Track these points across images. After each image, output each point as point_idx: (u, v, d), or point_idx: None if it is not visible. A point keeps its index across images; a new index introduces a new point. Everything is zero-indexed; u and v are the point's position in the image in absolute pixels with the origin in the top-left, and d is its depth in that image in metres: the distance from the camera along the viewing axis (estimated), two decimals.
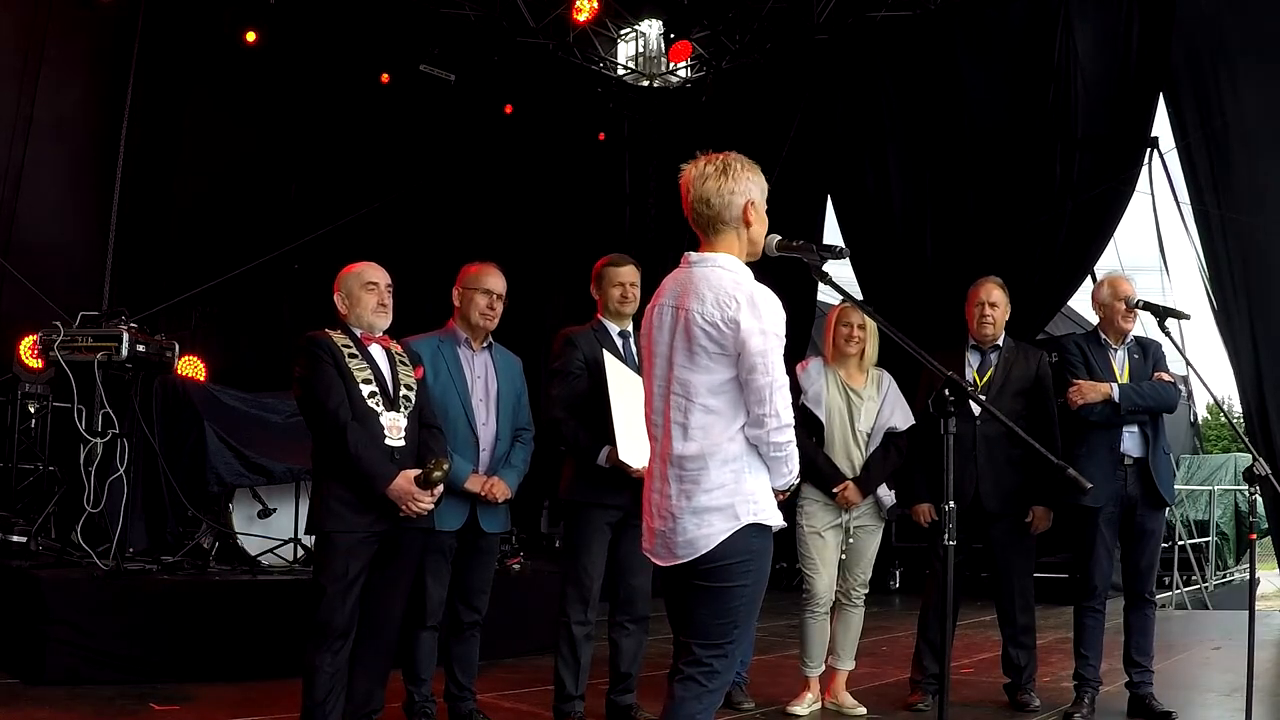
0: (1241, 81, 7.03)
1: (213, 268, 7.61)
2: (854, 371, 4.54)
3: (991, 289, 4.68)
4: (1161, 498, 4.40)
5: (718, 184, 2.62)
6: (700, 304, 2.55)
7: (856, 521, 4.49)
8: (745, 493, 2.54)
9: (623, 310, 4.14)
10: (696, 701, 2.52)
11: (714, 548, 2.52)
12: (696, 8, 9.51)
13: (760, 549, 2.56)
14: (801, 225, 8.77)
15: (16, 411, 6.29)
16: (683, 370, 2.58)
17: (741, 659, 4.54)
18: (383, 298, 3.62)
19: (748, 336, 2.50)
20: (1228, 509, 11.85)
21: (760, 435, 2.54)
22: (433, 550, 3.87)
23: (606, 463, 3.89)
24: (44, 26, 7.23)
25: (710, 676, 2.53)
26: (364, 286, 3.60)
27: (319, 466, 3.49)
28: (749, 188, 2.63)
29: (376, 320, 3.60)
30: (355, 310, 3.58)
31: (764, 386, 2.51)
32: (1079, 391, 4.35)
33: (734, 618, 2.54)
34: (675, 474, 2.58)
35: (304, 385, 3.47)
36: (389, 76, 8.78)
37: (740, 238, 2.64)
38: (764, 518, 2.55)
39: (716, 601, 2.54)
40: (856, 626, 4.55)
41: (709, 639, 2.54)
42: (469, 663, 4.06)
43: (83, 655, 4.40)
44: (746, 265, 2.65)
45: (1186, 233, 7.29)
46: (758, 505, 2.54)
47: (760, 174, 2.68)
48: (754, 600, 2.57)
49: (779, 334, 2.54)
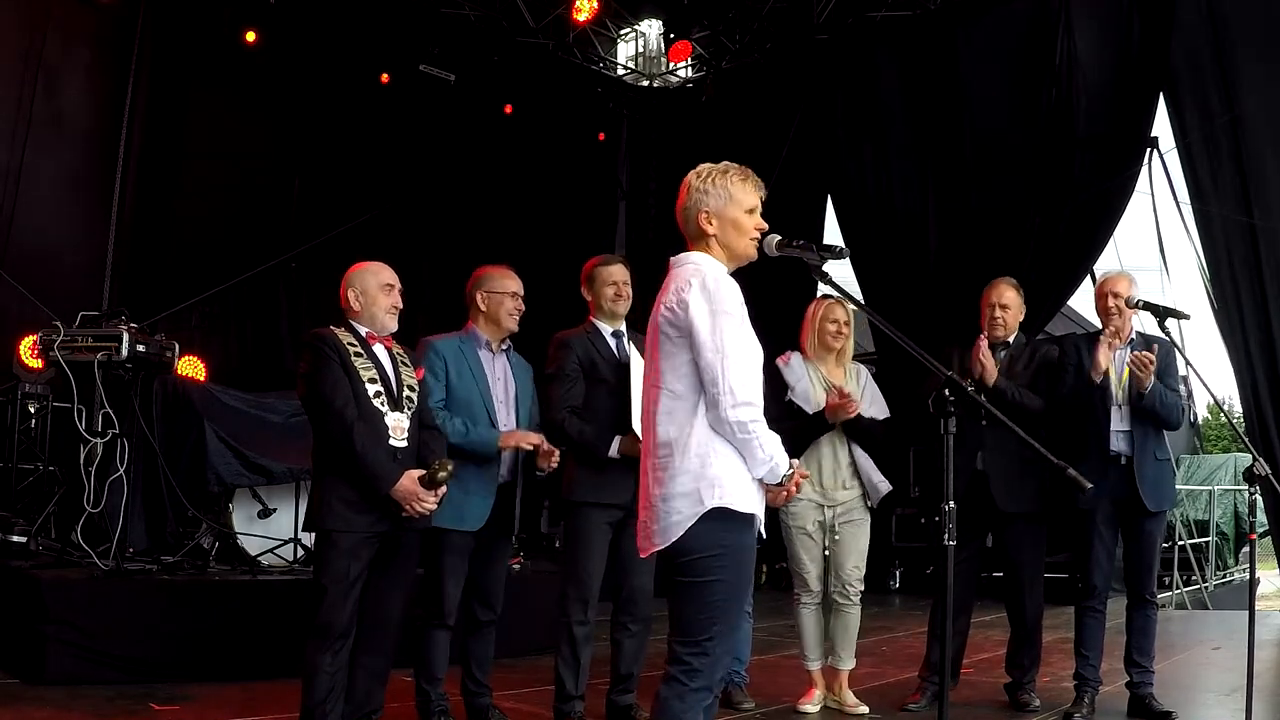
0: (1242, 81, 7.03)
1: (213, 268, 7.62)
2: (833, 367, 4.56)
3: (1003, 290, 4.70)
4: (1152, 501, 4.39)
5: (684, 199, 2.74)
6: (665, 295, 2.67)
7: (842, 517, 4.47)
8: (709, 477, 2.55)
9: (616, 309, 4.14)
10: (679, 701, 2.53)
11: (684, 535, 2.55)
12: (696, 8, 9.51)
13: (734, 543, 2.57)
14: (801, 225, 8.77)
15: (16, 411, 6.29)
16: (657, 361, 2.67)
17: (740, 658, 4.54)
18: (397, 300, 3.62)
19: (695, 315, 2.58)
20: (1228, 509, 11.83)
21: (718, 416, 2.54)
22: (451, 550, 3.88)
23: (618, 453, 3.90)
24: (44, 27, 7.24)
25: (691, 675, 2.54)
26: (382, 287, 3.59)
27: (320, 464, 3.48)
28: (701, 199, 2.71)
29: (389, 321, 3.60)
30: (370, 309, 3.57)
31: (713, 363, 2.54)
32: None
33: (711, 613, 2.55)
34: (652, 463, 2.65)
35: (309, 382, 3.46)
36: (389, 76, 8.78)
37: (711, 245, 2.72)
38: (728, 501, 2.54)
39: (693, 596, 2.57)
40: (853, 625, 4.52)
41: (688, 635, 2.56)
42: (485, 660, 4.07)
43: (83, 655, 4.39)
44: (728, 265, 2.72)
45: (1186, 233, 7.30)
46: (722, 489, 2.54)
47: (739, 181, 2.72)
48: (732, 596, 2.58)
49: (729, 311, 2.58)
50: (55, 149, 7.31)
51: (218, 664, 4.62)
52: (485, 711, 4.05)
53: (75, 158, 7.51)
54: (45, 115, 7.21)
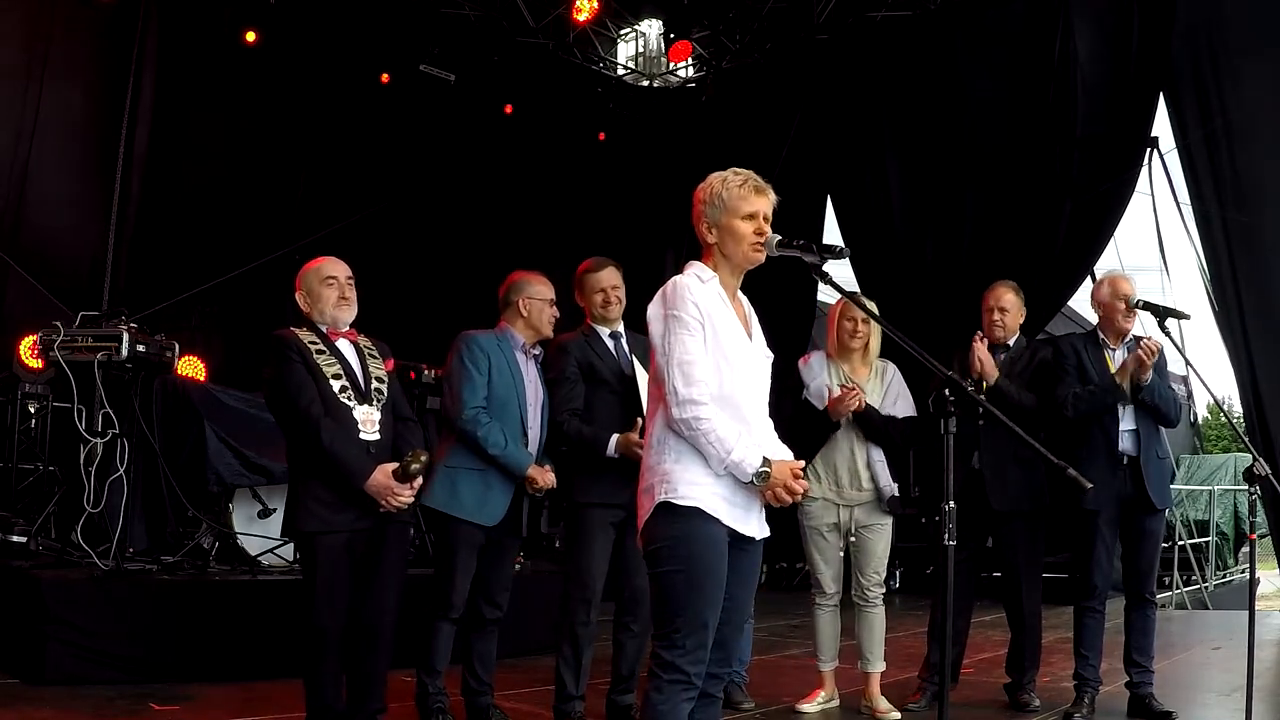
0: (1242, 81, 7.02)
1: (214, 267, 7.62)
2: (858, 365, 4.55)
3: (1002, 293, 4.71)
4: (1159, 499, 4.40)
5: (693, 214, 2.82)
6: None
7: (861, 521, 4.47)
8: (662, 473, 2.65)
9: (607, 315, 4.16)
10: (656, 693, 2.59)
11: (643, 529, 2.69)
12: (696, 8, 9.50)
13: (682, 534, 2.61)
14: (801, 225, 8.76)
15: (16, 411, 6.29)
16: (654, 364, 2.76)
17: (741, 659, 4.54)
18: (343, 291, 3.57)
19: (652, 321, 2.72)
20: (1228, 509, 11.83)
21: (670, 415, 2.64)
22: (465, 543, 3.90)
23: (616, 451, 3.91)
24: (48, 26, 7.25)
25: (664, 667, 2.59)
26: (323, 282, 3.55)
27: (295, 467, 3.47)
28: (703, 211, 2.78)
29: (340, 314, 3.56)
30: (317, 306, 3.55)
31: (662, 366, 2.67)
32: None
33: (673, 605, 2.61)
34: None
35: (274, 385, 3.45)
36: (389, 76, 8.79)
37: (712, 254, 2.80)
38: (674, 498, 2.62)
39: (655, 589, 2.67)
40: (879, 627, 4.50)
41: (657, 628, 2.65)
42: (488, 658, 4.08)
43: (83, 655, 4.39)
44: (732, 272, 2.79)
45: (1186, 233, 7.29)
46: (669, 485, 2.63)
47: (736, 187, 2.76)
48: (690, 588, 2.60)
49: (679, 314, 2.66)
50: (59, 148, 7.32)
51: (218, 664, 4.62)
52: (486, 711, 4.05)
53: (79, 157, 7.51)
54: (49, 114, 7.22)
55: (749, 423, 2.70)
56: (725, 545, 2.65)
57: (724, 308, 2.73)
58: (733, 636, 2.77)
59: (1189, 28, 7.21)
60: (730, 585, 2.67)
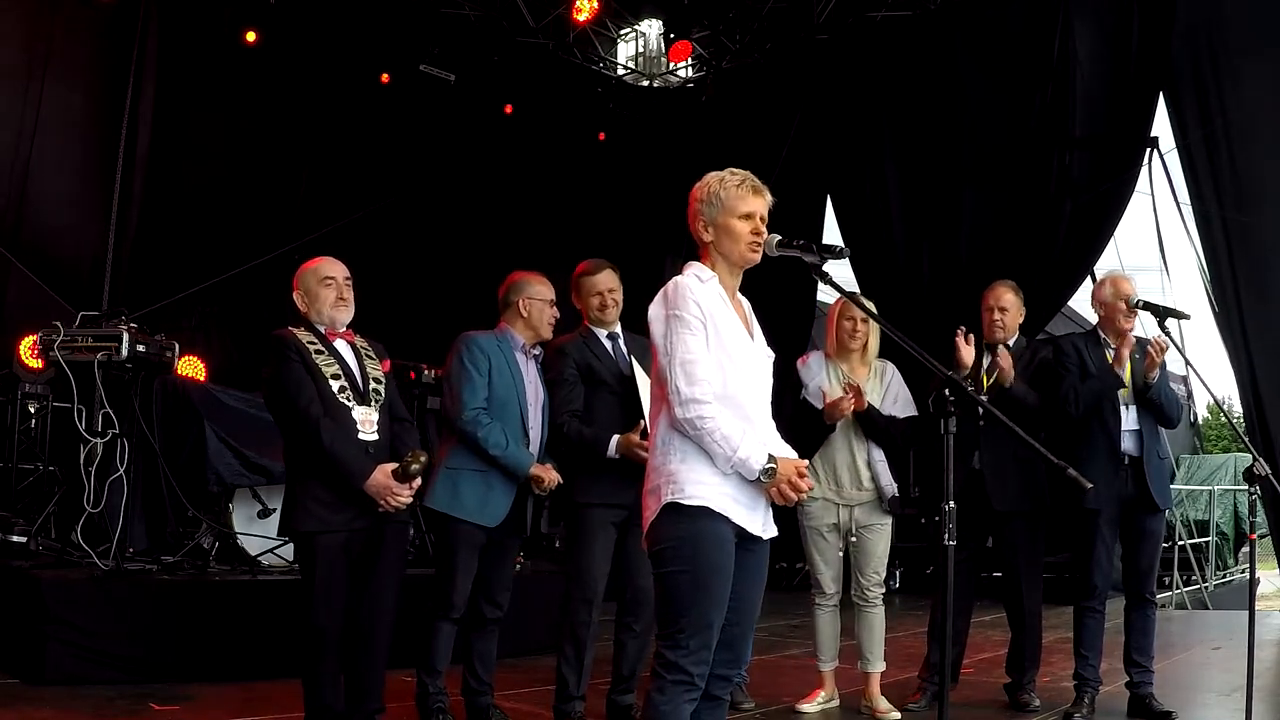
0: (1242, 81, 7.02)
1: (214, 267, 7.62)
2: (856, 365, 4.55)
3: (1001, 293, 4.70)
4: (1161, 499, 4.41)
5: (689, 212, 2.83)
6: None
7: (861, 521, 4.46)
8: (668, 473, 2.65)
9: (604, 318, 4.16)
10: (659, 694, 2.59)
11: (649, 530, 2.68)
12: (696, 8, 9.50)
13: (688, 534, 2.60)
14: (801, 225, 8.76)
15: (16, 411, 6.29)
16: (657, 365, 2.76)
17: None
18: (341, 292, 3.57)
19: (653, 322, 2.72)
20: (1228, 509, 11.84)
21: (674, 415, 2.64)
22: (466, 544, 3.90)
23: (617, 452, 3.91)
24: (48, 26, 7.26)
25: (667, 668, 2.59)
26: (321, 282, 3.55)
27: (292, 467, 3.48)
28: (699, 209, 2.79)
29: (337, 314, 3.56)
30: (315, 306, 3.55)
31: (664, 366, 2.67)
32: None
33: (677, 605, 2.60)
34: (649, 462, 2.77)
35: (272, 385, 3.45)
36: (389, 76, 8.79)
37: (709, 253, 2.81)
38: (681, 498, 2.62)
39: (659, 588, 2.66)
40: (879, 627, 4.50)
41: (661, 628, 2.65)
42: (489, 658, 4.08)
43: (83, 655, 4.39)
44: (729, 271, 2.78)
45: (1186, 233, 7.29)
46: (675, 485, 2.63)
47: (733, 187, 2.77)
48: (695, 588, 2.59)
49: (680, 313, 2.66)
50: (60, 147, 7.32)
51: (218, 664, 4.62)
52: (486, 711, 4.05)
53: (80, 156, 7.52)
54: (50, 114, 7.23)
55: (752, 421, 2.70)
56: (732, 545, 2.65)
57: (725, 307, 2.74)
58: (742, 638, 2.76)
59: (1189, 28, 7.21)
60: (739, 585, 2.66)
